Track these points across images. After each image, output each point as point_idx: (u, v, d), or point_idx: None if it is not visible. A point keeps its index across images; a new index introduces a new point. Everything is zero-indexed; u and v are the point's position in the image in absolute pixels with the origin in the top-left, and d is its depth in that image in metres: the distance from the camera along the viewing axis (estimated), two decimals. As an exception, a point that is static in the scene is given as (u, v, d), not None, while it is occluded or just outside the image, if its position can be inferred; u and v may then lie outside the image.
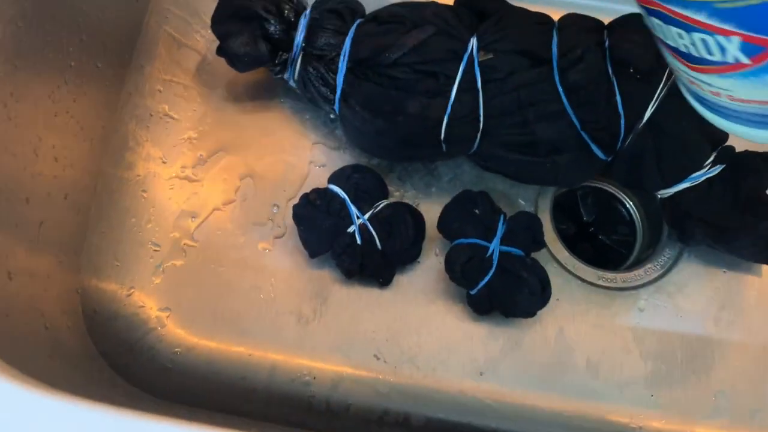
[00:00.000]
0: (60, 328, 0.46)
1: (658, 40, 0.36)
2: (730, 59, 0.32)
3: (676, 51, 0.35)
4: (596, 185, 0.63)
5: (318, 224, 0.52)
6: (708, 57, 0.33)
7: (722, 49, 0.32)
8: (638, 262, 0.59)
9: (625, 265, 0.60)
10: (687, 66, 0.35)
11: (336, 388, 0.52)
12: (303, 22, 0.53)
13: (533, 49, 0.52)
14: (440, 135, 0.52)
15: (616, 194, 0.63)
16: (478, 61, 0.52)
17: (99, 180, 0.54)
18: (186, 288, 0.54)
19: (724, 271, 0.57)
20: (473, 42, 0.52)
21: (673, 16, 0.33)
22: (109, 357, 0.49)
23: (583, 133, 0.52)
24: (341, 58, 0.52)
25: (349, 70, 0.52)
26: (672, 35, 0.34)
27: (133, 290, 0.53)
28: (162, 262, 0.54)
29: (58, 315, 0.47)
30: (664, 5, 0.33)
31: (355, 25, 0.53)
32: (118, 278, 0.53)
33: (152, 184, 0.56)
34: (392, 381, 0.53)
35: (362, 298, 0.54)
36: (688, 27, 0.32)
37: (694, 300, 0.56)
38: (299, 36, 0.53)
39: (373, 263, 0.53)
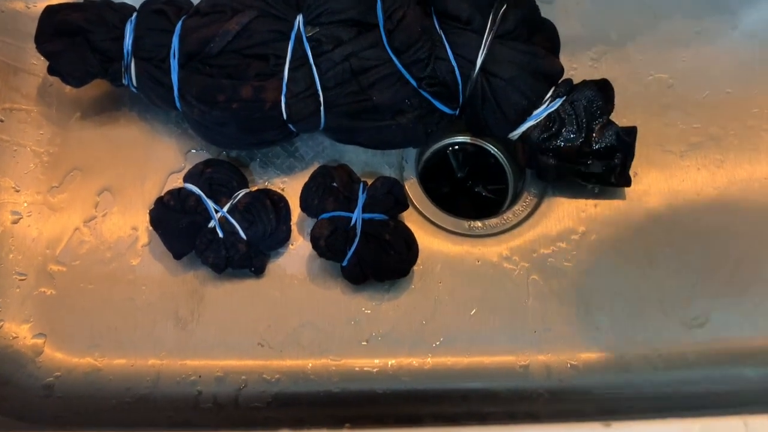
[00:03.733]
0: None
1: None
2: None
3: None
4: (462, 140, 0.63)
5: (175, 225, 0.52)
6: None
7: None
8: (510, 208, 0.60)
9: (502, 210, 0.62)
10: None
11: (222, 382, 0.52)
12: (129, 28, 0.53)
13: (358, 17, 0.52)
14: (282, 115, 0.52)
15: (483, 146, 0.64)
16: (306, 37, 0.52)
17: (-55, 219, 0.53)
18: (59, 311, 0.53)
19: (587, 200, 0.58)
20: (299, 19, 0.52)
21: None
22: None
23: (421, 91, 0.53)
24: (171, 57, 0.52)
25: (181, 66, 0.52)
26: None
27: (2, 323, 0.52)
28: (30, 290, 0.53)
29: None
30: None
31: (180, 21, 0.53)
32: (-16, 314, 0.53)
33: (8, 215, 0.55)
34: (279, 365, 0.53)
35: (239, 290, 0.55)
36: None
37: (562, 233, 0.57)
38: (127, 42, 0.53)
39: (240, 254, 0.53)
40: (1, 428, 0.46)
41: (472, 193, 0.66)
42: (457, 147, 0.64)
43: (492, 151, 0.63)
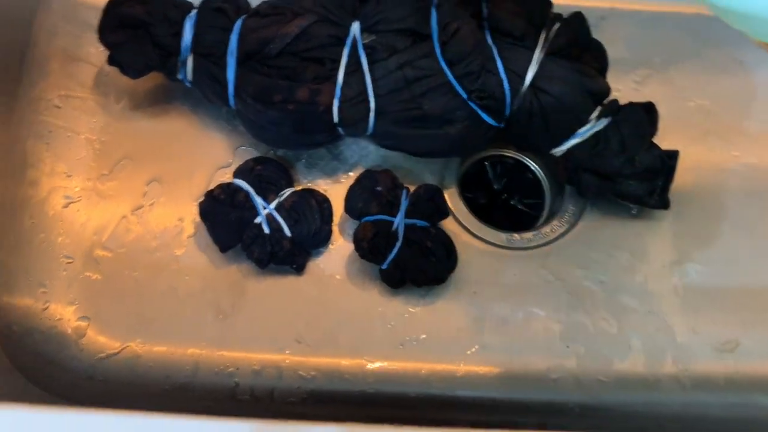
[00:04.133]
0: (-32, 346, 0.47)
1: None
2: None
3: None
4: (501, 153, 0.64)
5: (224, 218, 0.53)
6: None
7: None
8: (546, 223, 0.61)
9: (537, 224, 0.62)
10: None
11: (259, 375, 0.53)
12: (189, 24, 0.54)
13: (413, 27, 0.54)
14: (333, 119, 0.53)
15: (522, 160, 0.64)
16: (362, 44, 0.53)
17: (1, 198, 0.54)
18: (103, 296, 0.54)
19: (626, 221, 0.59)
20: (355, 25, 0.53)
21: None
22: (27, 371, 0.50)
23: (470, 103, 0.54)
24: (229, 55, 0.54)
25: (238, 64, 0.54)
26: None
27: (48, 304, 0.54)
28: (76, 273, 0.55)
29: (-35, 333, 0.47)
30: None
31: (239, 21, 0.54)
32: (32, 293, 0.54)
33: (59, 199, 0.56)
34: (315, 362, 0.54)
35: (279, 286, 0.56)
36: None
37: (599, 251, 0.58)
38: (186, 37, 0.54)
39: (284, 251, 0.54)
40: (45, 404, 0.47)
41: (507, 206, 0.67)
42: (495, 159, 0.65)
43: (530, 166, 0.64)
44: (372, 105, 0.53)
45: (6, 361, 0.49)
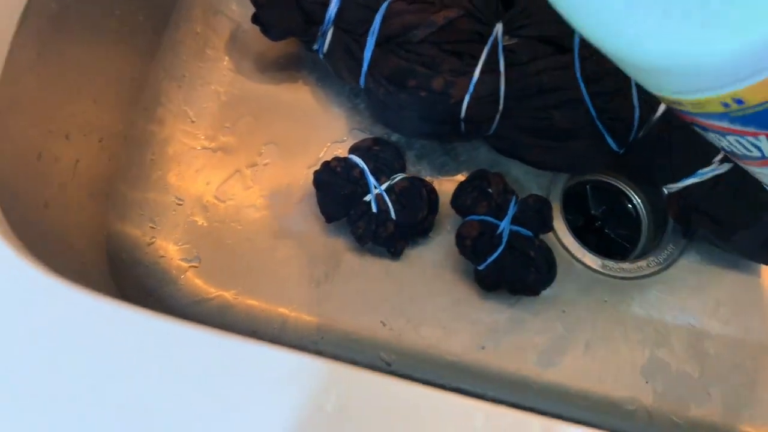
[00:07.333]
0: (86, 263, 0.49)
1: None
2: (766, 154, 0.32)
3: (725, 151, 0.36)
4: (605, 180, 0.64)
5: (337, 190, 0.54)
6: (748, 154, 0.33)
7: (757, 147, 0.32)
8: (641, 256, 0.60)
9: (629, 257, 0.62)
10: (740, 162, 0.36)
11: (342, 348, 0.54)
12: (337, -3, 0.55)
13: (556, 38, 0.54)
14: (461, 113, 0.54)
15: (624, 190, 0.64)
16: (502, 45, 0.54)
17: (131, 130, 0.56)
18: (206, 242, 0.56)
19: (725, 270, 0.58)
20: (499, 26, 0.54)
21: (705, 126, 0.33)
22: (129, 300, 0.51)
23: (598, 123, 0.54)
24: (370, 34, 0.54)
25: (377, 44, 0.54)
26: (714, 139, 0.35)
27: (155, 240, 0.55)
28: (185, 216, 0.56)
29: (85, 251, 0.49)
30: (694, 118, 0.33)
31: (386, 3, 0.55)
32: (142, 227, 0.55)
33: (180, 141, 0.58)
34: (396, 347, 0.54)
35: (373, 267, 0.56)
36: (722, 133, 0.33)
37: (693, 295, 0.57)
38: (332, 9, 0.55)
39: (387, 232, 0.54)
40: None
41: (600, 232, 0.67)
42: (599, 184, 0.65)
43: (633, 198, 0.64)
44: (500, 107, 0.54)
45: (114, 287, 0.51)
